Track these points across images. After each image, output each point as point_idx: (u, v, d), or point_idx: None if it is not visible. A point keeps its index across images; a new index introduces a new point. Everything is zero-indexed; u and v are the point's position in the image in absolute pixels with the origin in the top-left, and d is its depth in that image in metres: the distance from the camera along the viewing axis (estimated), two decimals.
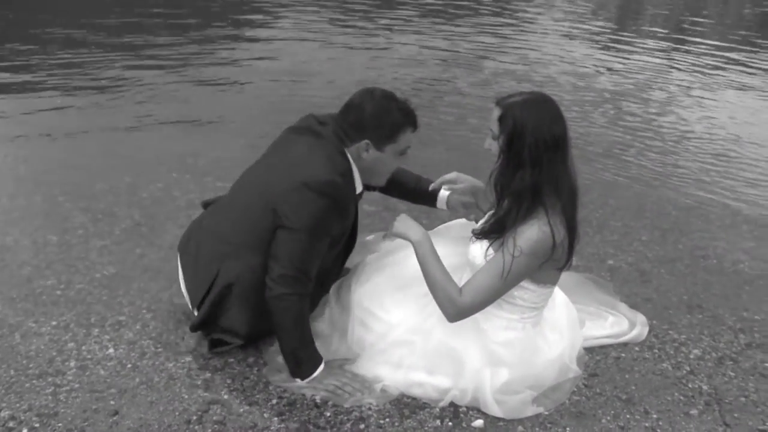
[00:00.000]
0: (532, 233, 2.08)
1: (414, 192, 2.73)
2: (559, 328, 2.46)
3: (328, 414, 2.19)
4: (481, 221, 2.34)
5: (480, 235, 2.25)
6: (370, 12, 9.46)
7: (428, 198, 2.70)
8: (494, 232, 2.19)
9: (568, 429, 2.23)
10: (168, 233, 3.23)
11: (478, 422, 2.21)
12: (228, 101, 5.30)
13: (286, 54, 6.84)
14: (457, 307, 2.16)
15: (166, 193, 3.62)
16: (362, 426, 2.15)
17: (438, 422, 2.20)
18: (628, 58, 8.38)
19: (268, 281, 2.22)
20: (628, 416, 2.33)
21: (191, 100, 5.22)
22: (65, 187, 3.61)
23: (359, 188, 2.42)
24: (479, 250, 2.23)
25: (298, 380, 2.29)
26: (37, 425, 2.06)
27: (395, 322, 2.35)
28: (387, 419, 2.19)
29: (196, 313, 2.42)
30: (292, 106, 5.09)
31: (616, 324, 2.75)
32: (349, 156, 2.32)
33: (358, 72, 6.44)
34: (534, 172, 2.08)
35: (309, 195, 2.18)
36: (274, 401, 2.24)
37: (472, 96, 5.89)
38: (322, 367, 2.30)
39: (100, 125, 4.58)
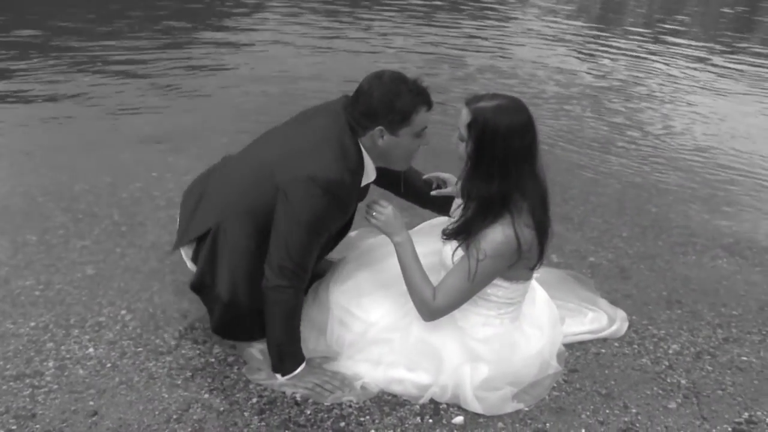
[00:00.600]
0: (496, 236, 2.10)
1: (428, 198, 2.70)
2: (539, 324, 2.48)
3: (309, 412, 2.20)
4: (452, 221, 2.32)
5: (447, 236, 2.25)
6: (349, 12, 9.46)
7: (441, 205, 2.67)
8: (461, 234, 2.19)
9: (548, 424, 2.25)
10: (148, 233, 3.21)
11: (459, 419, 2.22)
12: (210, 102, 5.26)
13: (268, 55, 6.81)
14: (430, 309, 2.21)
15: (146, 193, 3.60)
16: (342, 424, 2.16)
17: (418, 419, 2.20)
18: (610, 55, 8.41)
19: (267, 271, 2.19)
20: (607, 411, 2.35)
21: (172, 101, 5.18)
22: (45, 187, 3.58)
23: (369, 179, 2.36)
24: (449, 251, 2.24)
25: (278, 376, 2.29)
26: (14, 427, 2.04)
27: (374, 320, 2.35)
28: (367, 416, 2.20)
29: (183, 254, 2.45)
30: (274, 106, 5.10)
31: (596, 320, 2.77)
32: (362, 146, 2.25)
33: (341, 71, 6.42)
34: (502, 182, 2.09)
35: (314, 190, 2.14)
36: (255, 400, 2.24)
37: (456, 92, 5.90)
38: (303, 365, 2.30)
39: (80, 126, 4.54)
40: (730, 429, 2.31)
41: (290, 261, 2.17)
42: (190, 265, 2.46)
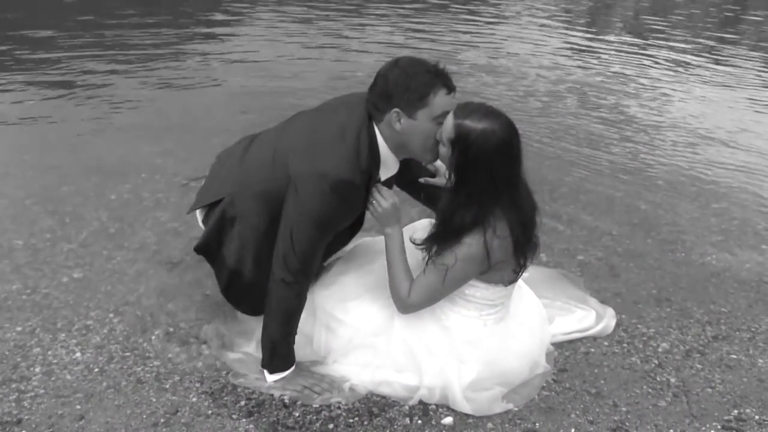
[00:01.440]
0: (464, 246, 2.10)
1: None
2: (527, 324, 2.48)
3: (297, 414, 2.19)
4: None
5: (419, 246, 2.24)
6: (339, 9, 9.44)
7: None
8: (432, 246, 2.18)
9: (537, 424, 2.25)
10: (136, 235, 3.19)
11: (448, 419, 2.21)
12: (199, 103, 5.23)
13: (257, 54, 6.78)
14: (404, 303, 2.22)
15: (135, 195, 3.58)
16: (331, 426, 2.15)
17: (407, 420, 2.20)
18: (599, 53, 8.43)
19: (274, 264, 2.18)
20: (597, 410, 2.35)
21: (160, 101, 5.15)
22: (32, 190, 3.55)
23: (391, 171, 2.32)
24: (420, 256, 2.25)
25: (267, 377, 2.28)
26: None
27: (359, 324, 2.34)
28: (356, 418, 2.19)
29: (198, 216, 2.46)
30: (263, 106, 5.08)
31: (585, 318, 2.77)
32: (380, 137, 2.20)
33: (331, 69, 6.42)
34: (481, 208, 2.08)
35: (324, 188, 2.11)
36: (243, 403, 2.23)
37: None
38: (292, 368, 2.29)
39: (67, 127, 4.51)
40: (719, 427, 2.32)
41: (294, 255, 2.15)
42: (202, 226, 2.47)
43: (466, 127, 2.03)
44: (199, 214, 2.48)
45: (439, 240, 2.16)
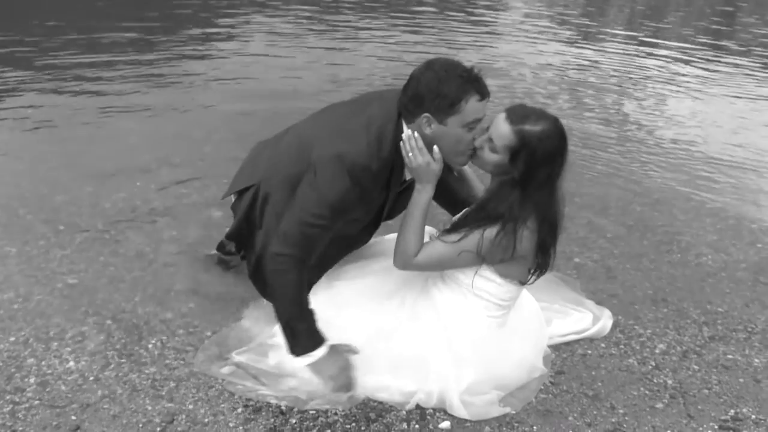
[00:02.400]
0: (500, 230, 2.12)
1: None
2: (525, 327, 2.47)
3: (294, 421, 2.18)
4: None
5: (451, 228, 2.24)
6: (333, 14, 9.46)
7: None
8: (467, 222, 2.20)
9: (535, 428, 2.24)
10: (131, 242, 3.18)
11: (445, 424, 2.21)
12: (192, 110, 5.21)
13: (251, 61, 6.77)
14: (406, 261, 2.21)
15: (129, 203, 3.56)
16: (328, 431, 2.14)
17: (405, 425, 2.19)
18: (595, 53, 8.46)
19: (274, 240, 2.17)
20: (594, 412, 2.34)
21: (154, 108, 5.12)
22: (25, 199, 3.52)
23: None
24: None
25: (297, 362, 2.22)
26: None
27: (356, 330, 2.33)
28: (353, 423, 2.18)
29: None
30: (258, 113, 5.07)
31: (581, 320, 2.77)
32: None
33: (328, 74, 6.43)
34: (536, 203, 2.12)
35: (340, 169, 2.10)
36: (240, 410, 2.21)
37: None
38: (324, 349, 2.22)
39: (61, 136, 4.47)
40: (716, 427, 2.32)
41: (297, 229, 2.13)
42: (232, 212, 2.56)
43: (528, 132, 2.06)
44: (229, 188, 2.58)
45: (474, 218, 2.18)
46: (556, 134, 2.09)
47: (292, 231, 2.14)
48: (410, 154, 2.15)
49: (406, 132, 2.15)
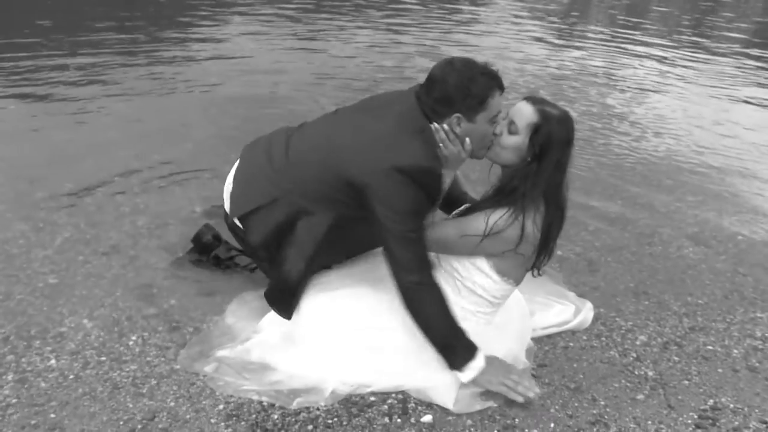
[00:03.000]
0: (504, 218, 2.19)
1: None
2: (509, 321, 2.49)
3: (276, 417, 2.17)
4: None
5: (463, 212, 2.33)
6: (318, 10, 9.42)
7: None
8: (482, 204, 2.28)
9: (516, 420, 2.25)
10: (112, 239, 3.15)
11: (427, 417, 2.21)
12: (173, 105, 5.18)
13: (234, 56, 6.75)
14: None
15: (110, 200, 3.53)
16: (310, 427, 2.14)
17: (386, 419, 2.19)
18: (578, 48, 8.49)
19: (399, 273, 2.16)
20: (576, 404, 2.36)
21: (135, 104, 5.08)
22: (4, 196, 3.48)
23: (449, 177, 2.32)
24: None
25: (462, 377, 2.25)
26: None
27: (346, 325, 2.34)
28: (335, 418, 2.18)
29: (236, 222, 2.41)
30: (242, 110, 5.05)
31: (563, 312, 2.78)
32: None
33: (312, 68, 6.42)
34: (547, 185, 2.22)
35: (404, 179, 2.09)
36: (221, 406, 2.21)
37: None
38: (481, 355, 2.25)
39: (40, 132, 4.43)
40: (695, 416, 2.34)
41: (410, 253, 2.15)
42: (239, 225, 2.42)
43: (549, 112, 2.21)
44: (230, 210, 2.44)
45: (486, 202, 2.27)
46: (570, 122, 2.24)
47: (408, 257, 2.15)
48: (445, 143, 2.21)
49: (436, 125, 2.19)
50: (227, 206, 2.48)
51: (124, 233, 3.22)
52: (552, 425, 2.25)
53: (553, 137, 2.18)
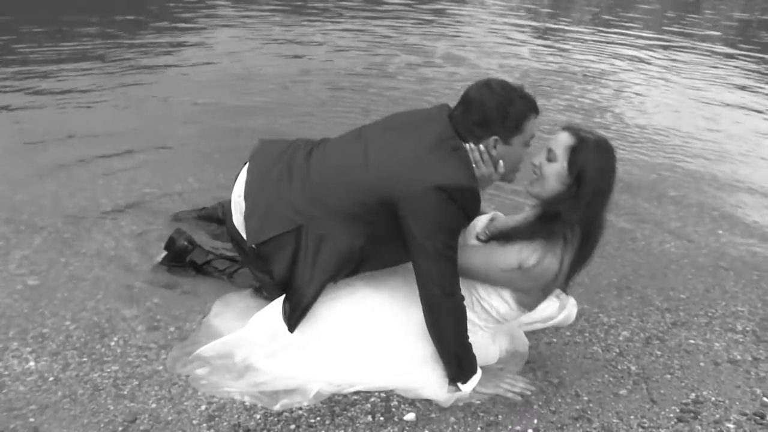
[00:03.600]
0: (540, 255, 2.15)
1: None
2: (505, 328, 2.51)
3: (258, 417, 2.16)
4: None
5: (493, 237, 2.28)
6: (298, 12, 9.40)
7: None
8: (514, 236, 2.23)
9: (500, 417, 2.26)
10: (93, 240, 3.12)
11: (410, 416, 2.21)
12: (155, 106, 5.13)
13: (215, 56, 6.70)
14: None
15: (93, 201, 3.50)
16: (293, 426, 2.13)
17: (369, 418, 2.19)
18: (560, 42, 8.52)
19: (430, 287, 2.14)
20: (559, 400, 2.37)
21: (117, 106, 5.02)
22: None
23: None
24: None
25: (463, 389, 2.27)
26: None
27: (338, 326, 2.34)
28: (318, 418, 2.17)
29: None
30: (220, 109, 5.02)
31: (547, 308, 2.78)
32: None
33: (290, 65, 6.40)
34: (584, 214, 2.15)
35: (443, 197, 2.08)
36: (203, 407, 2.19)
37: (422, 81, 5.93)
38: (480, 371, 2.29)
39: (20, 134, 4.38)
40: (678, 410, 2.35)
41: (442, 268, 2.14)
42: (252, 240, 2.31)
43: (585, 136, 2.16)
44: (247, 236, 2.34)
45: (523, 231, 2.21)
46: (609, 150, 2.17)
47: (441, 271, 2.14)
48: (479, 164, 2.21)
49: (472, 145, 2.21)
50: (237, 220, 2.40)
51: (105, 233, 3.19)
52: (535, 421, 2.25)
53: (589, 159, 2.13)
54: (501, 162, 2.22)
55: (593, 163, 2.12)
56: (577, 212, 2.13)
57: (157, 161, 4.01)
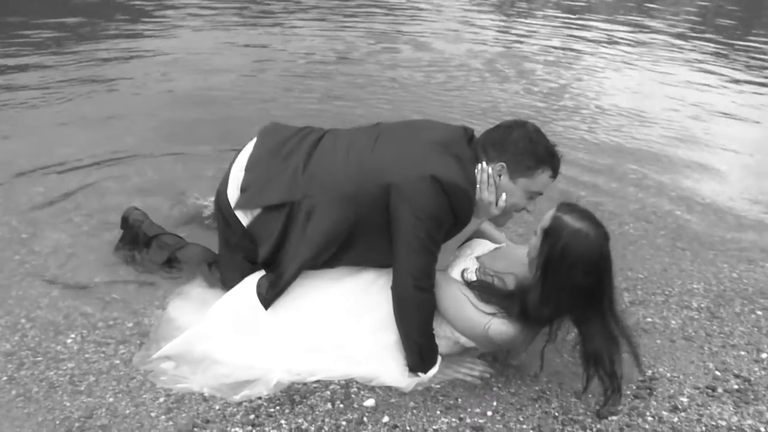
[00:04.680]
0: (512, 338, 2.18)
1: None
2: None
3: (218, 407, 2.15)
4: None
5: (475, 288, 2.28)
6: (261, 8, 9.32)
7: None
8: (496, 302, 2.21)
9: (459, 400, 2.27)
10: (48, 238, 3.07)
11: (370, 401, 2.22)
12: (112, 101, 5.02)
13: (175, 50, 6.59)
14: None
15: (47, 197, 3.43)
16: (252, 416, 2.13)
17: (329, 405, 2.19)
18: (526, 28, 8.55)
19: (404, 276, 2.17)
20: (519, 382, 2.39)
21: (72, 98, 4.92)
22: None
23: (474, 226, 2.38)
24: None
25: (422, 377, 2.28)
26: None
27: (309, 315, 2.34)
28: (277, 407, 2.17)
29: (239, 216, 2.37)
30: (179, 102, 4.96)
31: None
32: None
33: (250, 59, 6.34)
34: (555, 310, 2.10)
35: (436, 188, 2.12)
36: (162, 399, 2.18)
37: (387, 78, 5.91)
38: (440, 359, 2.32)
39: None
40: (634, 387, 2.39)
41: (421, 257, 2.16)
42: (244, 219, 2.37)
43: (563, 222, 2.04)
44: (242, 215, 2.38)
45: (500, 299, 2.19)
46: (589, 238, 2.00)
47: (420, 260, 2.16)
48: (482, 186, 2.22)
49: (484, 165, 2.24)
50: (232, 193, 2.41)
51: (62, 232, 3.13)
52: (495, 403, 2.27)
53: (558, 249, 1.98)
54: (504, 195, 2.25)
55: (565, 256, 1.99)
56: (545, 308, 2.07)
57: (114, 155, 3.95)
